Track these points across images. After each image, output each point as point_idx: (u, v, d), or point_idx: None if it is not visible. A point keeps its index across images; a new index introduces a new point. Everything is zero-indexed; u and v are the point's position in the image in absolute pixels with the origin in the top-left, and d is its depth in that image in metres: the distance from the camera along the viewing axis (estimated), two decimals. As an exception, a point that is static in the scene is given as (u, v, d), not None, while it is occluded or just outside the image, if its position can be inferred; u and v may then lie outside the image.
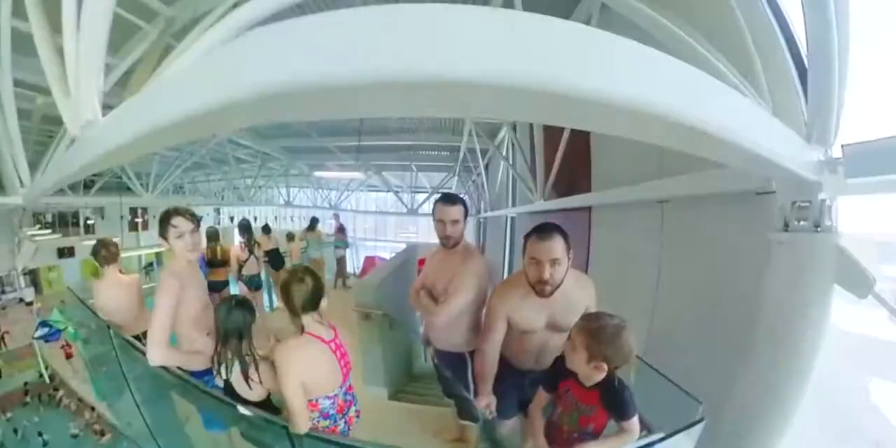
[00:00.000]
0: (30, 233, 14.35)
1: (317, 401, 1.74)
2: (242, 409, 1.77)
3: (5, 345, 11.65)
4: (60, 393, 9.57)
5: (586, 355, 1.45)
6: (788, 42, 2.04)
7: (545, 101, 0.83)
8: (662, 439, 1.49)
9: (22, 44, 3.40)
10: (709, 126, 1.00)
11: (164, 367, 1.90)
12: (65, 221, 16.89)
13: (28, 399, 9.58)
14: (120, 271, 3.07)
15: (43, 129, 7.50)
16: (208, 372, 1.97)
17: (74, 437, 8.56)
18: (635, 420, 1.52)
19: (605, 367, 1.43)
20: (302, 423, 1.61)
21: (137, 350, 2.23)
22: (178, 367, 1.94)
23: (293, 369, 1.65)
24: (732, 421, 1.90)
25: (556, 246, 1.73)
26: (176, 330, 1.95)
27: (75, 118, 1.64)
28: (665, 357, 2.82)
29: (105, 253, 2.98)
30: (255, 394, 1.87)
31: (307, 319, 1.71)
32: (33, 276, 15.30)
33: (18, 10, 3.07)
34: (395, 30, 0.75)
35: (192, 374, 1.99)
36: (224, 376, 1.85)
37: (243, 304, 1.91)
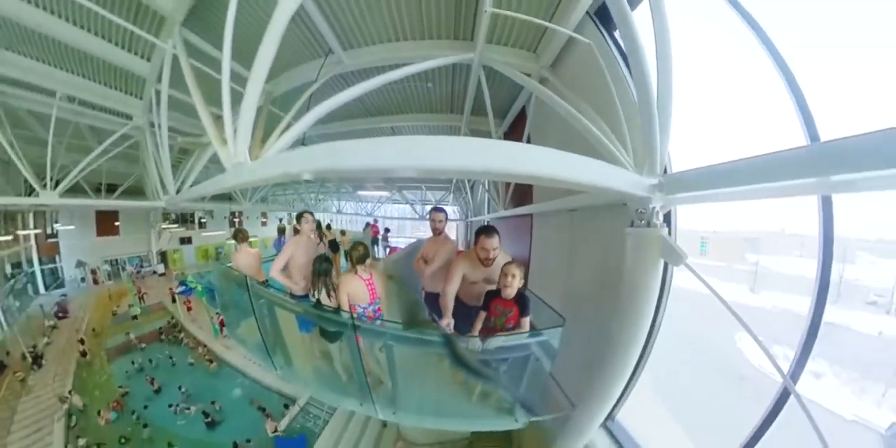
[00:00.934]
0: (163, 226, 14.61)
1: (355, 306, 2.32)
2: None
3: (144, 301, 11.94)
4: (182, 335, 9.85)
5: (520, 277, 2.03)
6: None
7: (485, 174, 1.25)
8: (540, 331, 1.94)
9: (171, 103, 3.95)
10: (572, 179, 1.46)
11: (280, 293, 2.69)
12: (184, 219, 17.13)
13: (162, 337, 9.87)
14: (248, 246, 3.61)
15: (177, 157, 7.91)
16: (305, 297, 2.66)
17: (191, 364, 8.87)
18: (528, 319, 2.00)
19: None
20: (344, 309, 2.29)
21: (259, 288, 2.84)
22: (290, 295, 2.67)
23: (343, 287, 2.30)
24: (608, 339, 2.04)
25: (495, 241, 2.17)
26: (289, 271, 2.70)
27: (230, 159, 1.97)
28: (572, 307, 3.10)
29: (241, 236, 3.59)
30: (332, 303, 2.44)
31: (358, 267, 2.32)
32: (163, 256, 15.63)
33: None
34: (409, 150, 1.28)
35: (298, 298, 2.72)
36: (316, 296, 2.44)
37: (328, 260, 2.50)
